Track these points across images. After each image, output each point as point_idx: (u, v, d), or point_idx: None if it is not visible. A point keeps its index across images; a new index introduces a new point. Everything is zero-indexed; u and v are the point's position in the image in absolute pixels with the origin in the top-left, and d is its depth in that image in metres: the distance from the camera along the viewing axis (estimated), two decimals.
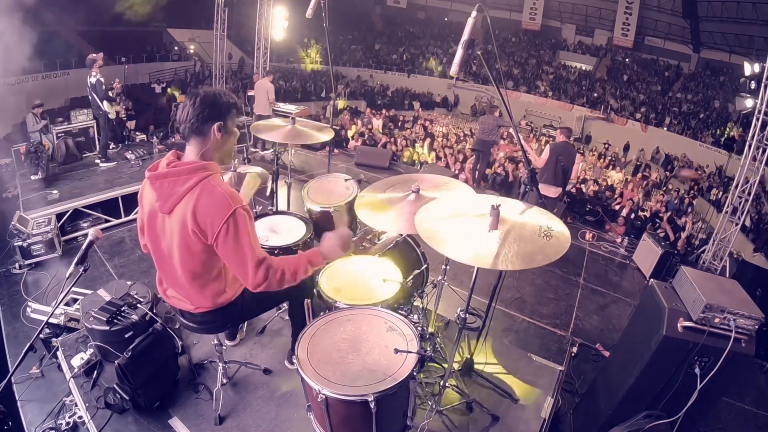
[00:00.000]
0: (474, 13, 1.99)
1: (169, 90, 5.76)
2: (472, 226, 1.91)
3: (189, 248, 1.76)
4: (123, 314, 2.67)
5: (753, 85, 6.28)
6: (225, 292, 1.96)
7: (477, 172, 8.60)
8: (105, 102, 6.05)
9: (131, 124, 7.95)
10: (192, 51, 18.13)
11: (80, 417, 2.54)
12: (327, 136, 3.32)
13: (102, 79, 5.93)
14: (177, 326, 2.63)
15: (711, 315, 2.12)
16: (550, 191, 5.71)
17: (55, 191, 5.26)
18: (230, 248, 1.70)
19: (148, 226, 1.85)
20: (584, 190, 10.20)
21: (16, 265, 4.45)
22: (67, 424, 2.56)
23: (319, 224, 3.04)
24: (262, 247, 2.65)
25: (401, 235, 2.95)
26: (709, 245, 6.62)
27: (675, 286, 2.44)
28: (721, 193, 12.35)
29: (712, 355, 2.15)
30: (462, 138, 14.36)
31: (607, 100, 19.67)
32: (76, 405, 2.55)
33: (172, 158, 1.78)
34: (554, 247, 1.79)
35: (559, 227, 1.90)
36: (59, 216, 4.99)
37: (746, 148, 6.11)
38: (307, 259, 1.86)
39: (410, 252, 2.90)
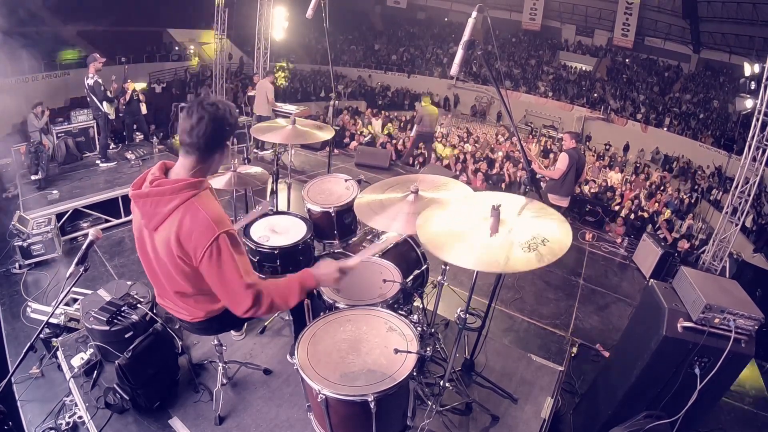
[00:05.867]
0: (474, 14, 1.99)
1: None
2: (474, 230, 1.86)
3: (176, 268, 1.70)
4: (123, 314, 2.67)
5: (753, 85, 6.28)
6: (219, 302, 1.87)
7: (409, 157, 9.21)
8: (104, 103, 6.05)
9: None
10: (192, 51, 18.13)
11: (80, 417, 2.54)
12: (327, 135, 3.32)
13: (100, 81, 5.94)
14: (177, 326, 2.63)
15: (711, 315, 2.12)
16: (563, 202, 5.30)
17: (55, 191, 5.25)
18: (214, 273, 1.62)
19: (137, 239, 1.80)
20: (584, 190, 10.21)
21: (16, 265, 4.44)
22: (67, 424, 2.56)
23: (319, 224, 3.05)
24: (262, 248, 2.70)
25: (401, 235, 2.95)
26: (709, 245, 6.63)
27: (675, 286, 2.44)
28: (721, 193, 12.36)
29: (712, 356, 2.15)
30: (464, 138, 14.39)
31: (607, 101, 19.68)
32: (76, 405, 2.55)
33: (157, 174, 1.67)
34: (553, 249, 1.77)
35: (558, 222, 1.87)
36: (59, 216, 4.98)
37: (746, 148, 6.12)
38: (299, 284, 1.77)
39: (410, 252, 2.90)
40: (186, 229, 1.59)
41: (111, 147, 6.81)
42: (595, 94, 20.18)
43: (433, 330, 2.86)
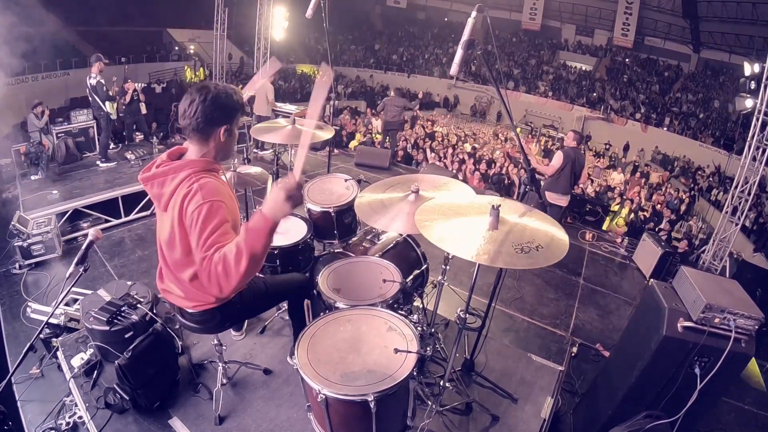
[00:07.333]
0: (474, 14, 2.00)
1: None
2: (472, 225, 1.90)
3: (182, 244, 1.73)
4: (123, 314, 2.67)
5: (753, 85, 6.26)
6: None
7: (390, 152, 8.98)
8: (107, 103, 6.06)
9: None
10: (192, 51, 18.13)
11: (80, 417, 2.53)
12: (327, 134, 3.32)
13: (102, 81, 5.95)
14: (177, 326, 2.63)
15: (711, 315, 2.12)
16: (562, 200, 5.31)
17: (55, 191, 5.26)
18: (194, 233, 1.59)
19: (157, 222, 1.87)
20: (584, 190, 10.20)
21: (16, 265, 4.44)
22: (67, 424, 2.56)
23: (319, 224, 3.05)
24: None
25: (401, 235, 2.96)
26: (709, 245, 6.63)
27: (675, 286, 2.44)
28: (721, 193, 12.36)
29: (712, 355, 2.15)
30: (463, 138, 14.38)
31: (607, 100, 19.68)
32: (76, 405, 2.55)
33: (165, 158, 1.78)
34: (551, 251, 1.78)
35: (559, 233, 1.90)
36: (59, 216, 4.99)
37: (746, 148, 6.12)
38: (260, 228, 1.50)
39: (410, 252, 2.90)
40: (187, 198, 1.64)
41: (111, 147, 6.82)
42: (595, 94, 20.19)
43: (433, 330, 2.86)
